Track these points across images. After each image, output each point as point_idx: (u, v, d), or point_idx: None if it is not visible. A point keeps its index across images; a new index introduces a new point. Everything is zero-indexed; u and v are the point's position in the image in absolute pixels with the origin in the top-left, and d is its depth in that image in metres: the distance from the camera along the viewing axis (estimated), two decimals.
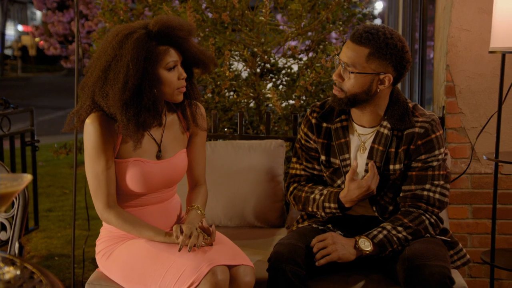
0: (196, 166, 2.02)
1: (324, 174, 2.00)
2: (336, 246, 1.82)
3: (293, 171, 2.06)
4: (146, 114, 1.76)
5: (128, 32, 1.75)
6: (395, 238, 1.82)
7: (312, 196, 1.96)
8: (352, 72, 1.81)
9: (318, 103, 2.03)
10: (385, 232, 1.83)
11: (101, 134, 1.78)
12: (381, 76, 1.81)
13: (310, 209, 1.97)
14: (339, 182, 1.97)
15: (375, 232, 1.84)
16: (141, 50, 1.71)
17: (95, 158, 1.80)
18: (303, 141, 2.03)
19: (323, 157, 1.98)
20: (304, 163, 2.03)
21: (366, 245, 1.82)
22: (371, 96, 1.84)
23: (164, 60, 1.77)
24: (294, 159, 2.07)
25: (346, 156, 1.95)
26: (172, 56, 1.79)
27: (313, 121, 1.99)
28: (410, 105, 1.91)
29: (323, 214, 1.95)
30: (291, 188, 2.05)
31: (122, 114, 1.73)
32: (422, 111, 1.91)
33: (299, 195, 2.00)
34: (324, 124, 1.98)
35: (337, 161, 1.96)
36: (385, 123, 1.89)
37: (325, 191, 1.94)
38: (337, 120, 1.95)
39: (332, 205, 1.91)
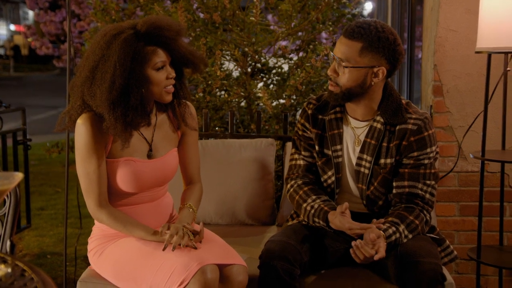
0: (189, 165, 2.04)
1: (317, 164, 2.03)
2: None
3: (292, 162, 2.08)
4: (134, 114, 1.77)
5: (116, 32, 1.76)
6: (398, 242, 1.83)
7: (304, 205, 1.97)
8: (346, 67, 1.84)
9: (315, 96, 2.07)
10: (397, 235, 1.83)
11: (92, 134, 1.80)
12: (375, 69, 1.84)
13: (301, 216, 2.00)
14: (329, 173, 2.00)
15: (390, 231, 1.82)
16: (128, 50, 1.73)
17: (87, 157, 1.81)
18: (300, 132, 2.06)
19: (316, 147, 2.01)
20: (303, 152, 2.05)
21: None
22: (365, 90, 1.87)
23: (152, 60, 1.79)
24: (292, 151, 2.10)
25: (338, 147, 1.97)
26: (160, 56, 1.80)
27: (310, 112, 2.02)
28: (404, 101, 1.94)
29: (313, 225, 1.98)
30: (288, 186, 2.06)
31: (109, 114, 1.74)
32: (415, 108, 1.94)
33: (293, 197, 2.03)
34: (320, 116, 2.01)
35: (329, 152, 1.98)
36: (378, 117, 1.92)
37: (316, 205, 1.94)
38: (331, 112, 1.98)
39: (321, 222, 1.92)
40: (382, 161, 1.92)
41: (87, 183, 1.83)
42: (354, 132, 1.96)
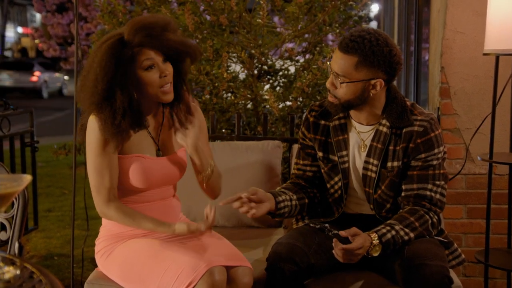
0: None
1: (322, 170, 2.03)
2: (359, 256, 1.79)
3: (292, 170, 2.13)
4: (122, 117, 1.78)
5: (104, 40, 1.80)
6: (400, 241, 1.82)
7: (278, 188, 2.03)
8: (343, 82, 1.83)
9: (317, 102, 2.06)
10: (393, 232, 1.82)
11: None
12: (372, 82, 1.83)
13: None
14: (336, 179, 1.99)
15: (384, 231, 1.82)
16: (110, 55, 1.75)
17: (99, 153, 1.82)
18: (300, 140, 2.08)
19: (320, 154, 2.01)
20: (301, 161, 2.07)
21: (376, 250, 1.81)
22: (364, 100, 1.86)
23: (138, 60, 1.79)
24: (295, 160, 2.12)
25: (344, 153, 1.97)
26: (146, 55, 1.79)
27: (311, 119, 2.02)
28: (408, 103, 1.93)
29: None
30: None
31: (98, 117, 1.79)
32: (420, 109, 1.92)
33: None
34: (322, 122, 2.00)
35: (335, 158, 1.98)
36: (384, 121, 1.91)
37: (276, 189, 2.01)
38: (335, 117, 1.98)
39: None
40: (389, 164, 1.91)
41: (98, 178, 1.83)
42: (360, 137, 1.95)
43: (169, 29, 1.83)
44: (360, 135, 1.95)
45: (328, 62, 1.91)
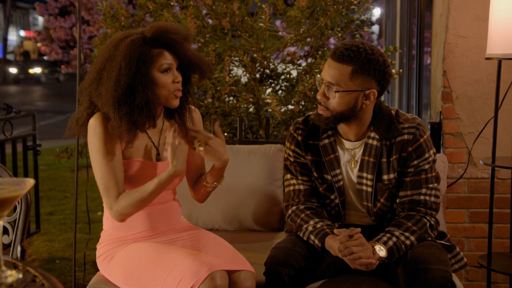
0: (195, 167, 2.03)
1: (319, 190, 2.00)
2: (364, 248, 1.78)
3: (291, 188, 2.01)
4: (139, 114, 1.79)
5: (124, 36, 1.80)
6: (403, 246, 1.82)
7: (305, 225, 1.92)
8: (337, 91, 1.81)
9: (300, 119, 2.01)
10: (394, 239, 1.82)
11: (107, 130, 1.80)
12: (366, 92, 1.82)
13: (301, 235, 1.96)
14: (332, 197, 1.97)
15: (384, 238, 1.82)
16: (134, 51, 1.76)
17: (104, 152, 1.80)
18: (292, 159, 2.01)
19: (315, 174, 1.98)
20: (300, 177, 2.00)
21: (382, 250, 1.80)
22: (357, 112, 1.85)
23: (157, 62, 1.80)
24: (288, 176, 2.03)
25: (337, 171, 1.95)
26: (166, 59, 1.82)
27: (299, 138, 1.98)
28: (393, 112, 1.92)
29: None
30: (289, 211, 2.01)
31: (114, 112, 1.76)
32: (405, 116, 1.91)
33: (294, 220, 1.98)
34: (311, 142, 1.97)
35: (329, 177, 1.96)
36: (372, 134, 1.89)
37: (318, 225, 1.90)
38: (324, 136, 1.94)
39: (316, 241, 1.88)
40: (385, 177, 1.90)
41: (107, 178, 1.80)
42: (350, 153, 1.94)
43: (189, 40, 1.87)
44: (350, 151, 1.94)
45: (318, 75, 1.88)
